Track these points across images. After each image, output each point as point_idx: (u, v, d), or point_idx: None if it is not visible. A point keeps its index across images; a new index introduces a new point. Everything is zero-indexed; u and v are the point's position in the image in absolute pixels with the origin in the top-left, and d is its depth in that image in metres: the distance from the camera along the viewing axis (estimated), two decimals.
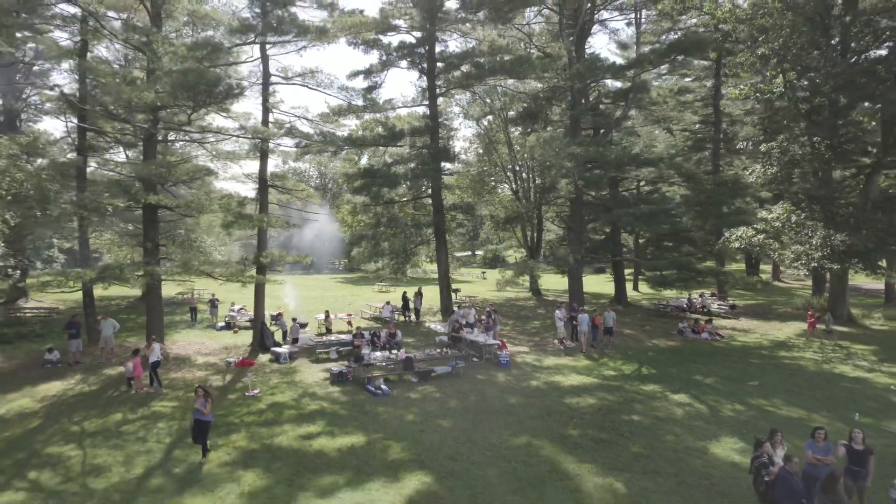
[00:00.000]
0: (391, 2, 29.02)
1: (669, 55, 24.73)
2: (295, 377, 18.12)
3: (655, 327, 27.54)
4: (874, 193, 27.36)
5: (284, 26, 18.31)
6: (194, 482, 10.67)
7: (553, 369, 19.42)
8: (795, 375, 18.79)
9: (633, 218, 25.80)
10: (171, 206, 18.73)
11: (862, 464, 9.33)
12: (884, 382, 17.80)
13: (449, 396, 16.23)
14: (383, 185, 28.92)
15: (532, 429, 13.62)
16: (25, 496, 10.04)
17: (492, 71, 25.27)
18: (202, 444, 11.72)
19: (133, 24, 19.84)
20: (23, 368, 18.51)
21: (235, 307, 28.45)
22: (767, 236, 25.72)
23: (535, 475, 11.07)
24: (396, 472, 11.12)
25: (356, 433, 13.24)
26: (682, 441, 12.90)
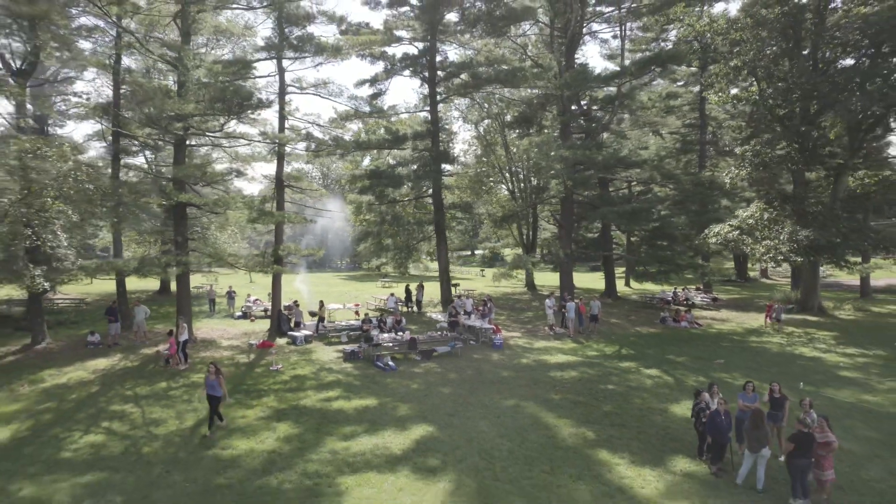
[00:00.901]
0: (394, 14, 31.22)
1: (649, 67, 27.00)
2: (312, 356, 20.37)
3: (640, 317, 29.80)
4: (841, 193, 29.62)
5: (304, 45, 20.64)
6: (238, 430, 12.91)
7: (542, 350, 21.68)
8: (759, 356, 21.02)
9: (616, 215, 28.11)
10: (199, 203, 20.98)
11: (779, 408, 11.63)
12: (834, 360, 20.05)
13: (448, 371, 18.49)
14: (388, 186, 31.19)
15: (520, 394, 15.87)
16: (105, 438, 12.29)
17: (488, 80, 27.55)
18: (214, 415, 12.84)
19: (166, 40, 22.06)
20: (69, 349, 20.74)
21: (251, 298, 30.72)
22: (742, 233, 27.95)
23: (520, 426, 13.31)
24: (404, 424, 13.36)
25: (369, 397, 15.49)
26: (648, 403, 15.15)
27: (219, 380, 12.84)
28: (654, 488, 10.23)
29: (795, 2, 26.90)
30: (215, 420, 12.89)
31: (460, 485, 10.24)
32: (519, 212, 39.82)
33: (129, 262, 18.77)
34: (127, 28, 19.48)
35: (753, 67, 26.83)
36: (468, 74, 28.62)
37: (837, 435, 10.41)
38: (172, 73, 24.88)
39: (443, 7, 27.67)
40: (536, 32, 35.12)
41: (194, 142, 24.23)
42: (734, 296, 40.26)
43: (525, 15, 27.03)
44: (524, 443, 12.27)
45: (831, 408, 14.61)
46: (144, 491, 9.89)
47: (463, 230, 66.05)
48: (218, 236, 35.06)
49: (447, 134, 38.38)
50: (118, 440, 12.20)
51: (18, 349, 20.28)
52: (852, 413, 14.37)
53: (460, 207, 36.74)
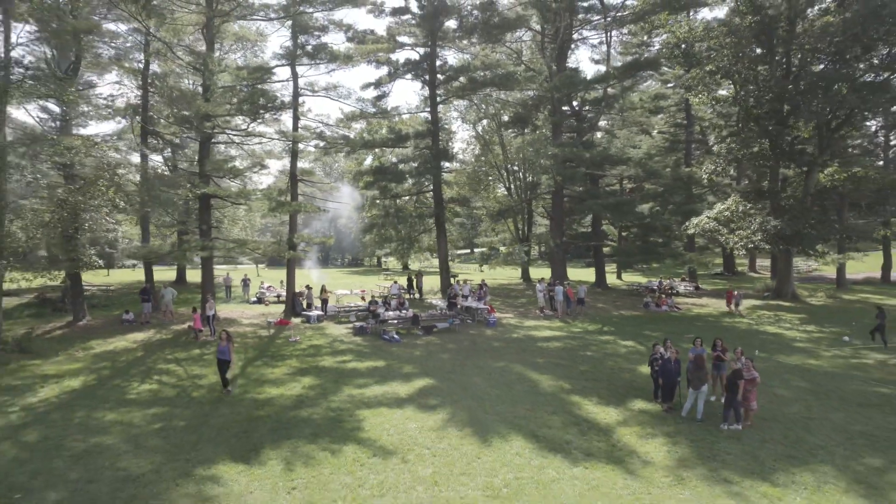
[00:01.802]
0: (397, 21, 33.54)
1: (630, 72, 29.38)
2: (325, 331, 22.75)
3: (625, 303, 32.14)
4: (812, 188, 31.98)
5: (319, 54, 23.02)
6: (268, 382, 15.29)
7: (531, 328, 24.06)
8: (727, 332, 23.35)
9: (602, 207, 30.51)
10: (223, 195, 23.36)
11: (720, 359, 14.01)
12: (792, 335, 22.46)
13: (447, 342, 20.87)
14: (391, 181, 33.57)
15: (509, 358, 18.26)
16: (158, 386, 14.67)
17: (484, 83, 29.92)
18: (223, 378, 14.34)
19: (193, 47, 24.46)
20: (107, 325, 23.11)
21: (265, 285, 33.12)
22: (718, 223, 30.33)
23: (507, 380, 15.69)
24: (409, 378, 15.74)
25: (377, 360, 17.88)
26: (619, 364, 17.54)
27: (229, 346, 14.29)
28: (613, 419, 12.60)
29: (768, 12, 29.26)
30: (228, 379, 14.44)
31: (455, 415, 12.62)
32: (514, 206, 42.16)
33: (163, 246, 21.15)
34: (160, 37, 21.77)
35: (729, 72, 29.20)
36: (466, 78, 30.96)
37: (776, 386, 12.80)
38: (194, 76, 27.33)
39: (442, 16, 30.01)
40: (530, 38, 37.46)
41: (217, 139, 26.53)
42: (719, 287, 42.57)
43: (518, 23, 29.41)
44: (510, 391, 14.65)
45: (778, 368, 17.02)
46: (201, 419, 12.26)
47: (461, 224, 68.41)
48: (230, 228, 37.51)
49: (446, 133, 40.71)
50: (170, 388, 14.59)
51: (64, 325, 22.66)
52: (794, 371, 16.75)
53: (459, 202, 39.04)
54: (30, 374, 15.64)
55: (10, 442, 10.88)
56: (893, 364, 17.65)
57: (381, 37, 31.31)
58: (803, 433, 11.75)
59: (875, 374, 16.63)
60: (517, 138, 38.67)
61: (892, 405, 13.56)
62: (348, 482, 9.29)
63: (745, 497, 8.96)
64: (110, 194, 18.37)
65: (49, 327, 22.21)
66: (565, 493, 8.99)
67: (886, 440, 11.35)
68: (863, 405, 13.60)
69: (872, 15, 24.44)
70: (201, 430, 11.55)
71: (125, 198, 19.25)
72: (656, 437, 11.55)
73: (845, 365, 17.65)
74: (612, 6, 32.58)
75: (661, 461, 10.33)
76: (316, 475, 9.53)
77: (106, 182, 18.28)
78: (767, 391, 14.45)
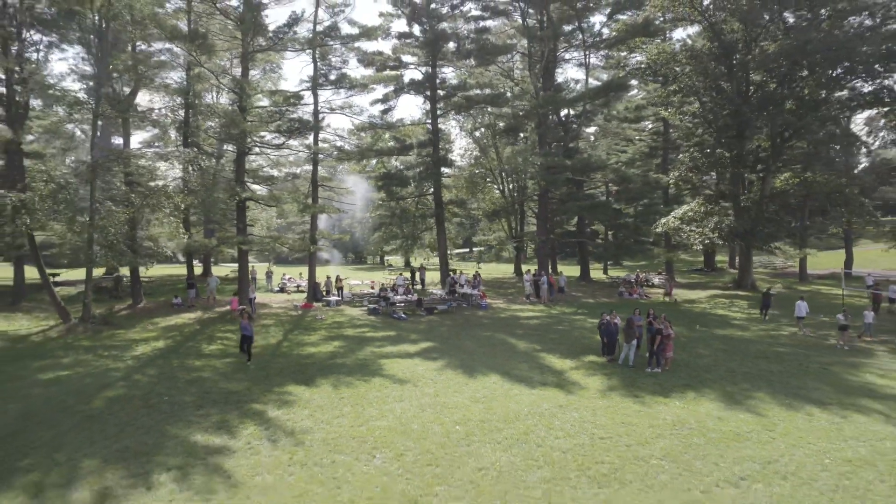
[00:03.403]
0: (402, 43, 37.98)
1: (603, 92, 33.88)
2: (343, 313, 27.24)
3: (603, 293, 36.56)
4: (768, 191, 36.43)
5: (340, 82, 27.60)
6: (307, 344, 19.77)
7: (517, 310, 28.54)
8: (684, 314, 27.80)
9: (580, 208, 34.99)
10: (258, 199, 27.84)
11: (651, 324, 18.47)
12: (734, 316, 26.95)
13: (445, 320, 25.35)
14: (397, 185, 38.07)
15: (495, 330, 22.76)
16: (223, 346, 19.19)
17: (478, 101, 34.38)
18: (247, 351, 17.02)
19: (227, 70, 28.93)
20: (161, 308, 27.57)
21: (286, 277, 37.61)
22: (682, 223, 34.78)
23: (491, 343, 20.18)
24: (415, 342, 20.23)
25: (389, 331, 22.38)
26: (583, 334, 22.02)
27: (249, 323, 17.26)
28: (567, 366, 17.07)
29: (727, 38, 33.72)
30: (250, 355, 17.14)
31: (450, 363, 17.11)
32: (507, 207, 46.63)
33: (211, 241, 25.64)
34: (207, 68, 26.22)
35: (692, 90, 33.68)
36: (462, 97, 35.45)
37: (699, 348, 17.23)
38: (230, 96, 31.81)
39: (441, 41, 34.47)
40: (520, 58, 41.95)
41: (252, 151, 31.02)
42: (695, 280, 47.03)
43: (508, 49, 33.89)
44: (493, 350, 19.14)
45: (709, 337, 21.53)
46: (265, 365, 16.75)
47: (460, 224, 72.78)
48: (250, 228, 42.01)
49: (445, 142, 45.18)
50: (232, 347, 19.07)
51: (126, 307, 27.13)
52: (720, 339, 21.25)
53: (457, 203, 43.49)
54: (122, 339, 20.15)
55: (138, 374, 15.42)
56: (800, 336, 22.09)
57: (388, 56, 35.74)
58: (703, 373, 16.22)
59: (782, 340, 21.11)
60: (507, 148, 43.14)
61: (778, 358, 18.03)
62: (378, 395, 13.78)
63: (646, 403, 13.40)
64: (177, 199, 22.84)
65: (115, 309, 26.70)
66: (523, 401, 13.46)
67: (759, 377, 15.81)
68: (757, 358, 18.08)
69: (802, 46, 28.83)
70: (268, 370, 16.08)
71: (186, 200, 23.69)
72: (595, 375, 16.02)
73: (764, 336, 22.11)
74: (591, 33, 37.07)
75: (595, 387, 14.79)
76: (355, 392, 14.02)
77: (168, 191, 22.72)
78: (692, 351, 18.97)
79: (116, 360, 17.10)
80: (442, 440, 10.84)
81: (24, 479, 9.08)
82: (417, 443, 10.70)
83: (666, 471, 9.52)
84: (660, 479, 9.23)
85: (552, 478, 9.24)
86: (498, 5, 35.93)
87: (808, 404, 13.10)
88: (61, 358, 17.28)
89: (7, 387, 14.18)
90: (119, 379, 15.08)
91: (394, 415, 12.34)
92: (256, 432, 11.21)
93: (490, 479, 9.17)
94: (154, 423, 11.74)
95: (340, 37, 27.53)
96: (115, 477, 9.18)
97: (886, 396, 13.75)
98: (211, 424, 11.65)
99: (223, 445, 10.55)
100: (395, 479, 9.19)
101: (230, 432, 11.21)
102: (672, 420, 12.07)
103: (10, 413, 12.22)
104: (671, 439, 10.92)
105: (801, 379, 15.54)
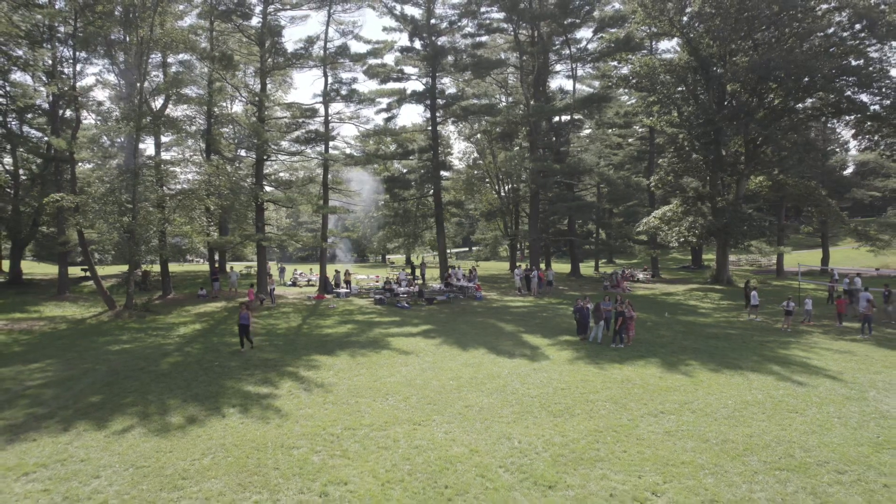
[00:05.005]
0: (402, 57, 41.11)
1: (587, 104, 37.09)
2: (352, 303, 30.44)
3: (590, 287, 39.71)
4: (742, 193, 39.57)
5: (351, 97, 30.85)
6: (324, 326, 22.94)
7: (508, 301, 31.74)
8: (658, 304, 30.98)
9: (567, 209, 38.17)
10: (276, 200, 31.04)
11: (621, 312, 21.64)
12: (703, 306, 30.12)
13: (443, 309, 28.54)
14: (400, 188, 41.28)
15: (487, 317, 25.94)
16: (253, 328, 22.34)
17: (473, 111, 37.58)
18: (246, 338, 18.47)
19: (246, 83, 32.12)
20: (188, 299, 30.78)
21: (298, 272, 40.83)
22: (662, 222, 37.95)
23: (483, 326, 23.36)
24: (417, 325, 23.42)
25: (394, 317, 25.57)
26: (563, 320, 25.17)
27: (248, 314, 18.63)
28: (545, 344, 20.23)
29: (702, 53, 36.84)
30: (245, 342, 18.62)
31: (446, 340, 20.30)
32: (503, 208, 49.85)
33: (235, 237, 28.89)
34: (232, 83, 29.43)
35: (669, 100, 36.84)
36: (459, 107, 38.65)
37: (663, 330, 20.35)
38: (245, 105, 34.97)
39: (440, 56, 37.65)
40: (513, 70, 45.17)
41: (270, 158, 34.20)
42: (681, 276, 50.19)
43: (500, 63, 37.11)
44: (484, 331, 22.33)
45: (675, 322, 24.66)
46: (291, 341, 19.95)
47: (459, 223, 76.01)
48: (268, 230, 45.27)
49: (445, 147, 48.40)
50: (259, 328, 22.29)
51: (157, 297, 30.35)
52: (684, 324, 24.39)
53: (455, 204, 46.74)
54: (163, 323, 23.38)
55: (188, 347, 18.69)
56: (755, 321, 25.23)
57: (391, 68, 38.89)
58: (658, 349, 19.36)
59: (737, 325, 24.26)
60: (501, 153, 46.38)
61: (726, 337, 21.19)
62: (387, 362, 16.98)
63: (604, 368, 16.54)
64: (208, 202, 26.05)
65: (153, 298, 29.92)
66: (504, 366, 16.63)
67: (704, 351, 18.93)
68: (708, 338, 21.24)
69: (766, 63, 31.95)
70: (295, 344, 19.31)
71: (215, 202, 26.91)
72: (567, 349, 19.19)
73: (720, 321, 25.26)
74: (579, 47, 40.29)
75: (564, 358, 17.96)
76: (368, 360, 17.23)
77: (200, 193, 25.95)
78: (655, 332, 22.13)
79: (166, 338, 20.32)
80: (439, 390, 14.03)
81: (132, 409, 12.31)
82: (419, 391, 13.89)
83: (606, 408, 12.69)
84: (600, 412, 12.39)
85: (521, 412, 12.41)
86: (493, 23, 39.16)
87: (732, 369, 16.27)
88: (119, 336, 20.53)
89: (88, 354, 17.48)
90: (174, 350, 18.31)
91: (401, 374, 15.53)
92: (294, 385, 14.41)
93: (474, 412, 12.35)
94: (212, 378, 14.95)
95: (350, 55, 30.76)
96: (195, 410, 12.37)
97: (797, 363, 16.91)
98: (257, 380, 14.85)
99: (270, 393, 13.74)
100: (403, 411, 12.38)
101: (273, 385, 14.41)
102: (621, 378, 15.24)
103: (100, 371, 15.47)
104: (616, 390, 14.09)
105: (738, 352, 18.70)
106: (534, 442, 10.62)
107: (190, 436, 10.86)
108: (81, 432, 11.04)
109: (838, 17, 33.66)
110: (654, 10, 35.18)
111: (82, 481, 8.97)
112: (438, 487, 8.80)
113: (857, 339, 20.71)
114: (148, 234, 25.68)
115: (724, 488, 8.79)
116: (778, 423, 11.62)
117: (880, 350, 18.87)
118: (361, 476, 9.16)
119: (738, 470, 9.42)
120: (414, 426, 11.47)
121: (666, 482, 8.99)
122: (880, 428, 11.39)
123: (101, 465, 9.52)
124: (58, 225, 29.55)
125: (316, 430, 11.13)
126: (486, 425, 11.56)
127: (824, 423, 11.68)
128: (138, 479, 9.02)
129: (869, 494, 8.62)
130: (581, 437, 10.89)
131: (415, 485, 8.88)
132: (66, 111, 30.19)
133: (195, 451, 10.09)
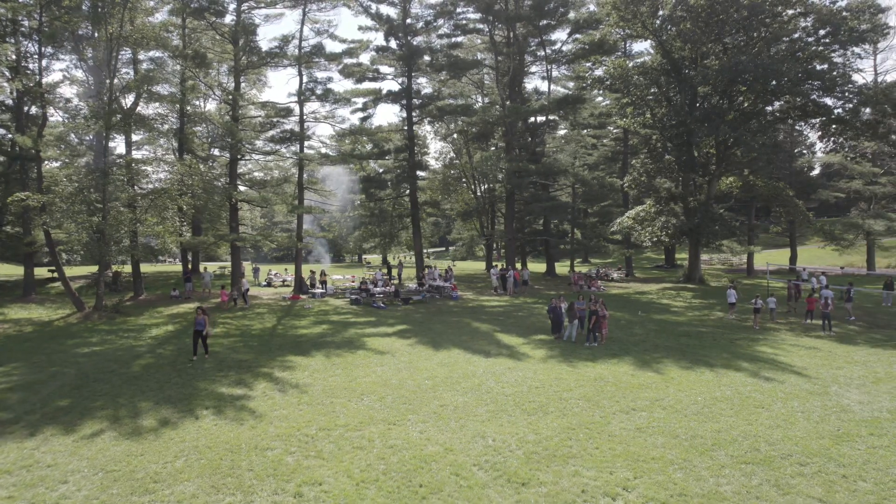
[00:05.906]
0: (378, 56, 41.03)
1: (562, 105, 37.47)
2: (328, 303, 30.30)
3: (565, 286, 40.14)
4: (713, 194, 40.34)
5: (326, 96, 30.65)
6: (299, 327, 22.80)
7: (484, 301, 31.90)
8: (631, 302, 31.44)
9: (542, 209, 38.51)
10: (250, 199, 30.72)
11: (595, 311, 21.93)
12: (675, 304, 30.61)
13: (419, 309, 28.58)
14: (376, 187, 41.17)
15: (462, 316, 26.05)
16: (226, 329, 22.12)
17: (449, 111, 37.67)
18: (197, 345, 17.17)
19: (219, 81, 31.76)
20: (161, 299, 30.32)
21: (272, 272, 40.46)
22: (635, 222, 38.51)
23: (458, 326, 23.46)
24: (392, 325, 23.42)
25: (370, 317, 25.53)
26: (538, 319, 25.40)
27: (205, 319, 17.09)
28: (519, 342, 20.40)
29: (675, 56, 37.46)
30: (199, 349, 17.26)
31: (421, 340, 20.35)
32: (479, 208, 50.04)
33: (208, 238, 28.50)
34: (205, 82, 29.04)
35: (644, 102, 37.41)
36: (435, 107, 38.71)
37: (636, 328, 20.68)
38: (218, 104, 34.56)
39: (416, 57, 37.66)
40: (488, 70, 45.41)
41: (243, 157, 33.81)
42: (654, 276, 50.99)
43: (476, 64, 37.27)
44: (459, 331, 22.42)
45: (648, 321, 25.04)
46: (265, 342, 19.78)
47: (435, 223, 76.13)
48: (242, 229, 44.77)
49: (421, 146, 48.41)
50: (234, 330, 22.08)
51: (129, 298, 29.83)
52: (656, 322, 24.79)
53: (432, 204, 46.79)
54: (135, 324, 23.00)
55: (160, 349, 18.41)
56: (727, 320, 25.78)
57: (367, 67, 38.79)
58: (631, 347, 19.68)
59: (709, 323, 24.75)
60: (478, 153, 46.59)
61: (698, 335, 21.61)
62: (363, 362, 16.96)
63: (577, 367, 16.75)
64: (181, 202, 25.68)
65: (118, 300, 29.37)
66: (479, 365, 16.74)
67: (676, 349, 19.31)
68: (680, 335, 21.64)
69: (735, 66, 32.63)
70: (269, 345, 19.17)
71: (188, 203, 26.54)
72: (541, 348, 19.38)
73: (695, 319, 25.74)
74: (554, 49, 40.66)
75: (539, 356, 18.14)
76: (344, 360, 17.20)
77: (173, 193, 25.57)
78: (628, 331, 22.46)
79: (137, 340, 20.01)
80: (414, 389, 14.07)
81: (102, 413, 12.10)
82: (395, 391, 13.91)
83: (580, 406, 12.86)
84: (573, 410, 12.57)
85: (495, 410, 12.52)
86: (468, 23, 39.34)
87: (703, 366, 16.62)
88: (88, 338, 20.14)
89: (56, 357, 17.13)
90: (145, 352, 18.04)
91: (376, 374, 15.53)
92: (269, 386, 14.32)
93: (449, 411, 12.42)
94: (185, 380, 14.77)
95: (325, 54, 30.60)
96: (167, 413, 12.22)
97: (765, 360, 17.35)
98: (231, 382, 14.72)
99: (244, 394, 13.63)
100: (378, 411, 12.40)
101: (248, 386, 14.30)
102: (594, 377, 15.46)
103: (69, 374, 15.17)
104: (589, 388, 14.29)
105: (709, 350, 19.10)
106: (508, 440, 10.74)
107: (162, 438, 10.74)
108: (49, 437, 10.84)
109: (804, 23, 34.59)
110: (628, 13, 35.68)
111: (49, 487, 8.82)
112: (413, 486, 8.86)
113: (821, 336, 21.33)
114: (119, 234, 25.21)
115: (692, 482, 9.00)
116: (745, 419, 11.93)
117: (842, 346, 19.47)
118: (336, 476, 9.17)
119: (707, 464, 9.66)
120: (389, 426, 11.50)
121: (636, 477, 9.18)
122: (840, 421, 11.77)
123: (68, 471, 9.37)
124: (23, 225, 28.86)
125: (290, 431, 11.09)
126: (461, 424, 11.64)
127: (789, 417, 12.03)
128: (108, 484, 8.90)
129: (828, 485, 8.91)
130: (554, 434, 11.04)
131: (389, 484, 8.92)
132: (32, 108, 29.46)
133: (167, 454, 9.98)
